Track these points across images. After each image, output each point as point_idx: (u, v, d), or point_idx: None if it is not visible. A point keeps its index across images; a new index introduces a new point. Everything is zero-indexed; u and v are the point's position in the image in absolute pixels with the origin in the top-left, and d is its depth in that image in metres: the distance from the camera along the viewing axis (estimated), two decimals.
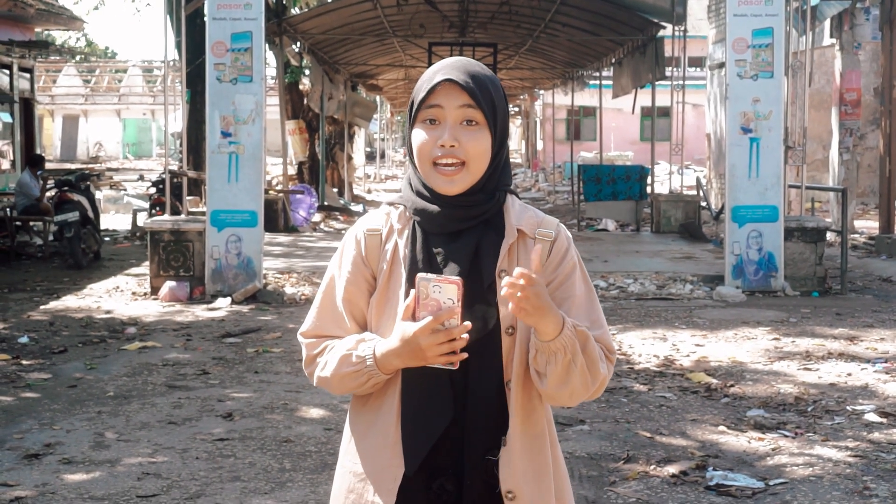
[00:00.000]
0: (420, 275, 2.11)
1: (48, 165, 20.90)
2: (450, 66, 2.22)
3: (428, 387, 2.19)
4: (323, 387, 2.29)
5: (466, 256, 2.18)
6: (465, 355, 2.11)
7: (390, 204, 2.33)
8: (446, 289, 2.08)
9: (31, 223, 15.75)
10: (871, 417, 6.55)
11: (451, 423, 2.19)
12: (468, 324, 2.09)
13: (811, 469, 5.56)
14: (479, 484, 2.20)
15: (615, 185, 19.12)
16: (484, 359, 2.20)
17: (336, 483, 2.33)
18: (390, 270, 2.26)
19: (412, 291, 2.13)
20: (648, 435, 6.20)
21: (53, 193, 14.73)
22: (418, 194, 2.25)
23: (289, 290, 11.45)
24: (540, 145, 43.05)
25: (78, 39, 39.11)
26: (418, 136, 2.23)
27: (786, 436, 6.17)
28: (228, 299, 10.90)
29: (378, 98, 35.16)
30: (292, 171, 22.35)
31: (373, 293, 2.28)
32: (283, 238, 16.61)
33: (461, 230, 2.23)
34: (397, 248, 2.26)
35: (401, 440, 2.20)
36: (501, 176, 2.27)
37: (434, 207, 2.22)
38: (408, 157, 2.30)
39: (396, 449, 2.21)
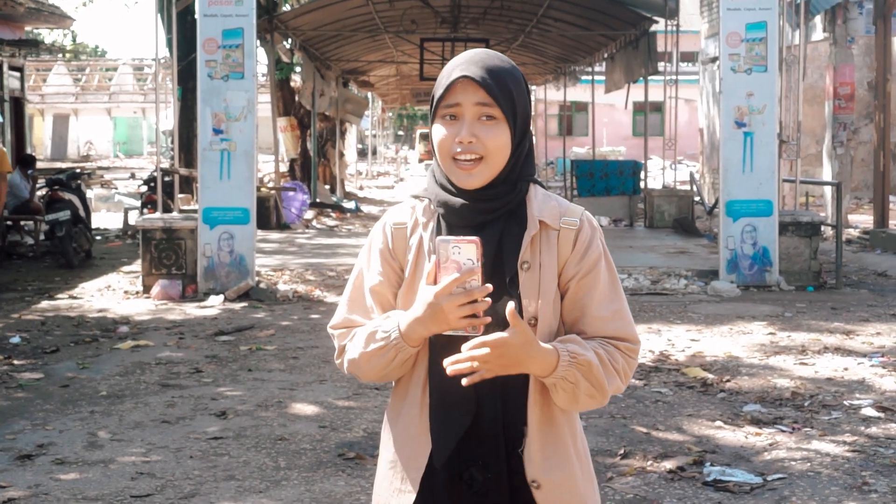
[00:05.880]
0: (439, 238, 2.11)
1: (39, 165, 20.78)
2: (467, 62, 2.22)
3: (451, 381, 2.18)
4: (353, 372, 2.30)
5: (489, 249, 2.17)
6: (489, 319, 2.09)
7: (415, 197, 2.35)
8: (465, 249, 2.06)
9: (23, 222, 15.66)
10: (869, 412, 6.53)
11: (481, 414, 2.20)
12: (489, 286, 2.08)
13: (809, 464, 5.53)
14: (508, 475, 2.23)
15: (608, 180, 19.11)
16: None
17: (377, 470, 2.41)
18: (416, 263, 2.27)
19: (433, 257, 2.12)
20: (645, 430, 6.17)
21: (44, 192, 14.65)
22: (442, 187, 2.27)
23: (282, 287, 11.39)
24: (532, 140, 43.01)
25: (65, 35, 38.93)
26: (438, 132, 2.24)
27: (783, 431, 6.14)
28: (221, 297, 10.84)
29: (370, 94, 35.08)
30: (284, 168, 22.27)
31: (400, 286, 2.30)
32: (275, 235, 16.57)
33: (484, 223, 2.23)
34: (422, 241, 2.28)
35: (427, 430, 2.24)
36: (524, 166, 2.27)
37: (457, 200, 2.23)
38: (432, 152, 2.32)
39: (422, 439, 2.24)
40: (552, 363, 2.13)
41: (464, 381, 2.10)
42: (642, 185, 19.37)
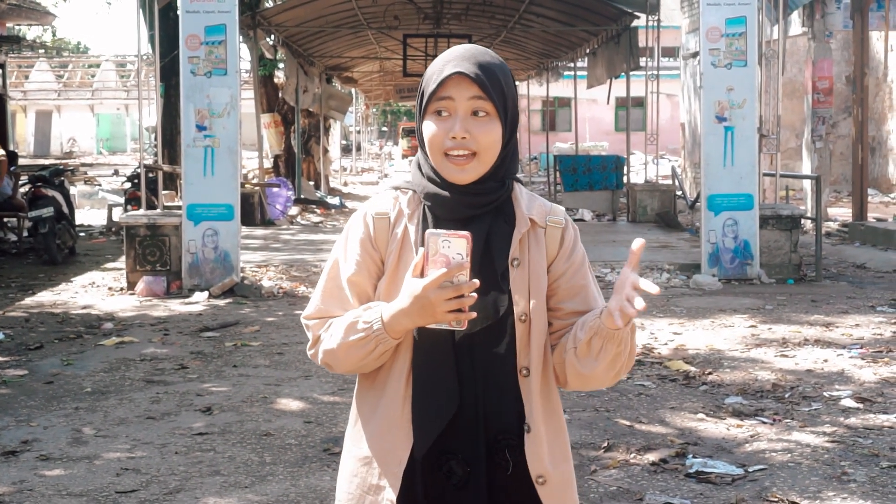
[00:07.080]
0: (429, 230, 2.11)
1: (22, 161, 20.70)
2: (459, 58, 2.21)
3: (435, 373, 2.20)
4: (329, 363, 2.27)
5: (478, 244, 2.18)
6: (474, 315, 2.11)
7: (396, 188, 2.32)
8: (455, 243, 2.07)
9: (5, 219, 15.61)
10: (848, 403, 6.60)
11: (462, 408, 2.20)
12: (476, 281, 2.08)
13: (790, 455, 5.59)
14: (490, 467, 2.22)
15: (591, 175, 19.16)
16: (496, 346, 2.22)
17: (340, 468, 2.34)
18: (399, 255, 2.25)
19: (421, 249, 2.12)
20: (628, 423, 6.22)
21: (27, 189, 14.61)
22: (429, 180, 2.25)
23: (266, 283, 11.41)
24: None
25: (45, 30, 38.73)
26: (429, 127, 2.22)
27: (764, 422, 6.21)
28: (206, 293, 10.85)
29: (353, 91, 35.06)
30: (268, 164, 22.25)
31: (379, 277, 2.28)
32: (259, 231, 16.56)
33: (472, 217, 2.23)
34: (407, 232, 2.26)
35: (409, 422, 2.21)
36: (510, 164, 2.28)
37: (445, 193, 2.23)
38: (419, 145, 2.30)
39: (403, 432, 2.21)
40: None
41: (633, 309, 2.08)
42: (625, 179, 19.44)
